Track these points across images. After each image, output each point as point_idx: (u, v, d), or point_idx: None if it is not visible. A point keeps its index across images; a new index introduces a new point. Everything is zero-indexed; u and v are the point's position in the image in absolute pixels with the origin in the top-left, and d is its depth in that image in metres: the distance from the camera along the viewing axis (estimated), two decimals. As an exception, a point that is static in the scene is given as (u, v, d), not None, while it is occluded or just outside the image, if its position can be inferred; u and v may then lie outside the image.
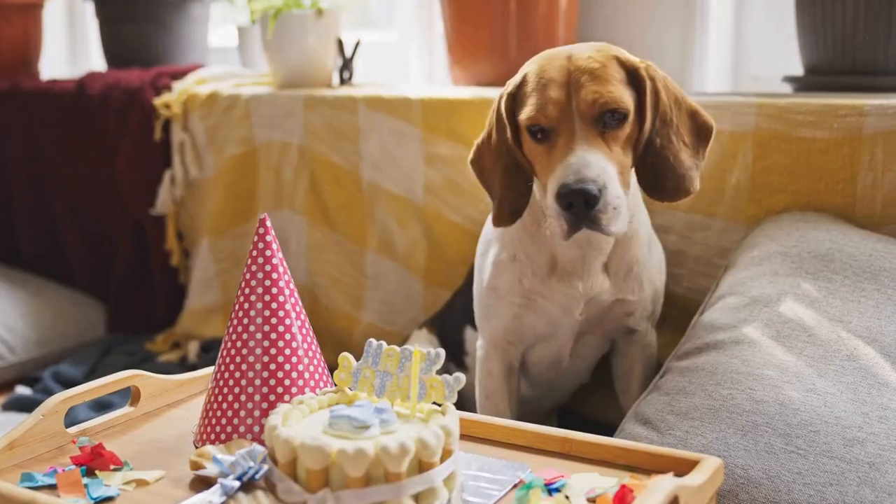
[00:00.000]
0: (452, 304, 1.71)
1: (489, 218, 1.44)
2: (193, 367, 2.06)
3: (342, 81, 2.22)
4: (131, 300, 2.41)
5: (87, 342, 2.34)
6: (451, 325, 1.67)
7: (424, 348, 0.97)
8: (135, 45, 2.60)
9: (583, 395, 1.73)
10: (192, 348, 2.18)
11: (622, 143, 1.24)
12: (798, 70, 1.83)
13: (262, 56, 2.43)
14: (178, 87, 2.30)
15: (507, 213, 1.32)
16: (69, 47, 3.26)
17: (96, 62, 3.13)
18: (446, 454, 0.89)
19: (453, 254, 1.90)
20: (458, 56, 2.06)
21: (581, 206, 1.17)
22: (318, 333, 2.09)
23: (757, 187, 1.56)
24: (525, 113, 1.25)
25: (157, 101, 2.27)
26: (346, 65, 2.21)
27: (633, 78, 1.25)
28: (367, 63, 2.50)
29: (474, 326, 1.54)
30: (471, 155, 1.38)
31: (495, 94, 1.80)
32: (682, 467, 0.96)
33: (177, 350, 2.22)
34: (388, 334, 1.99)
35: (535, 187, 1.33)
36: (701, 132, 1.31)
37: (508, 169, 1.31)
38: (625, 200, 1.21)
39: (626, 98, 1.23)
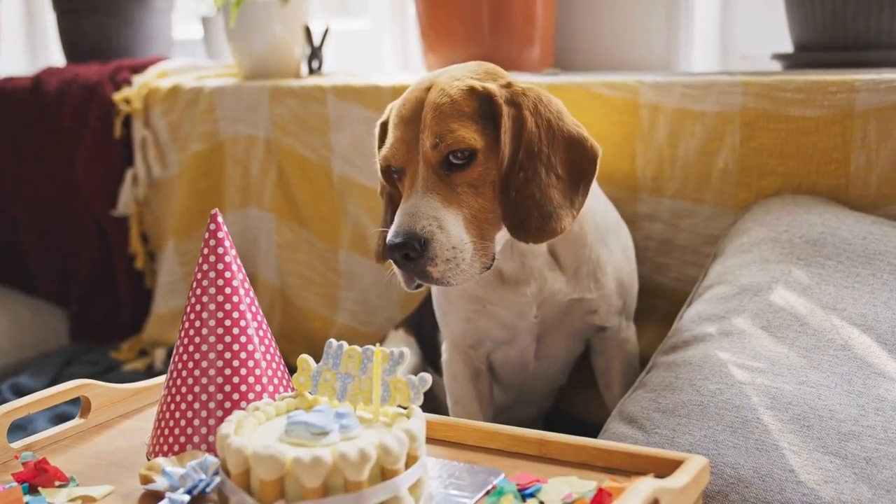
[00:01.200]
0: (427, 304, 1.67)
1: None
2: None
3: (311, 71, 2.20)
4: (94, 307, 2.38)
5: (48, 352, 2.32)
6: (428, 326, 1.64)
7: (388, 348, 0.94)
8: (95, 39, 2.58)
9: (570, 396, 1.70)
10: (159, 356, 2.16)
11: (473, 184, 1.19)
12: (788, 47, 1.81)
13: (227, 47, 2.40)
14: (139, 81, 2.28)
15: (380, 248, 1.32)
16: (27, 42, 3.22)
17: (55, 57, 3.10)
18: (411, 460, 0.86)
19: None
20: (432, 42, 2.04)
21: (401, 259, 1.16)
22: (291, 336, 2.08)
23: (746, 170, 1.54)
24: (381, 152, 1.25)
25: (117, 97, 2.25)
26: (315, 53, 2.19)
27: (492, 107, 1.20)
28: (338, 52, 2.47)
29: None
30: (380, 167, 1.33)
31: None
32: (666, 468, 0.93)
33: (143, 358, 2.20)
34: (364, 335, 1.97)
35: None
36: (581, 163, 1.23)
37: (390, 199, 1.31)
38: (469, 248, 1.17)
39: (471, 135, 1.17)
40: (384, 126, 1.28)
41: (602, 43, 2.12)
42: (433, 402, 1.60)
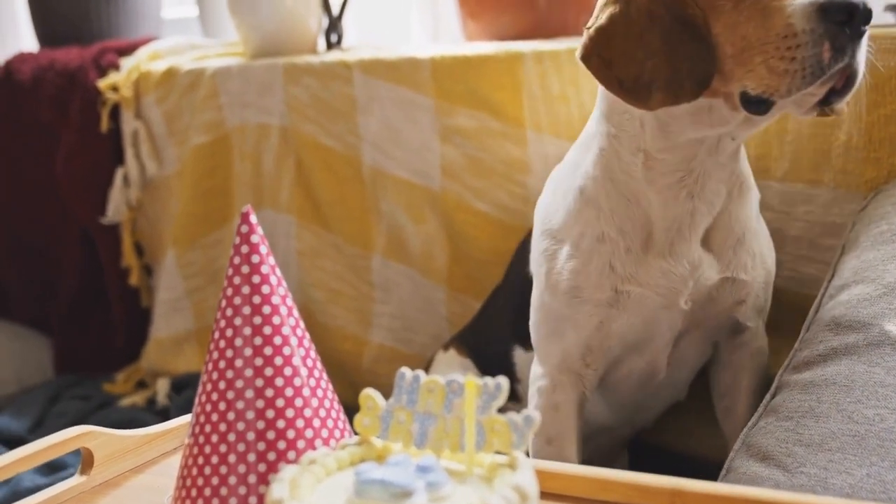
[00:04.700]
0: (490, 317, 1.60)
1: (548, 201, 1.31)
2: (165, 412, 1.99)
3: (329, 46, 2.16)
4: (82, 331, 2.35)
5: (30, 386, 2.28)
6: (492, 344, 1.56)
7: (478, 378, 0.82)
8: (72, 19, 2.53)
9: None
10: (162, 387, 2.11)
11: None
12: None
13: (228, 25, 2.37)
14: (128, 64, 2.24)
15: (692, 82, 1.12)
16: (-8, 26, 3.18)
17: (26, 41, 3.05)
18: (522, 525, 0.74)
19: (481, 251, 1.80)
20: (473, 8, 1.99)
21: (860, 23, 1.04)
22: (317, 360, 2.00)
23: (874, 143, 1.43)
24: None
25: (102, 83, 2.22)
26: (334, 25, 2.15)
27: None
28: (357, 23, 2.42)
29: (525, 345, 1.41)
30: (583, 48, 1.19)
31: (525, 47, 1.72)
32: (844, 523, 0.80)
33: (142, 390, 2.16)
34: (405, 357, 1.91)
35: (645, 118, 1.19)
36: None
37: (673, 34, 1.13)
38: None
39: None
40: None
41: (673, 1, 2.03)
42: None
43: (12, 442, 1.89)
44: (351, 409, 0.88)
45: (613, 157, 1.22)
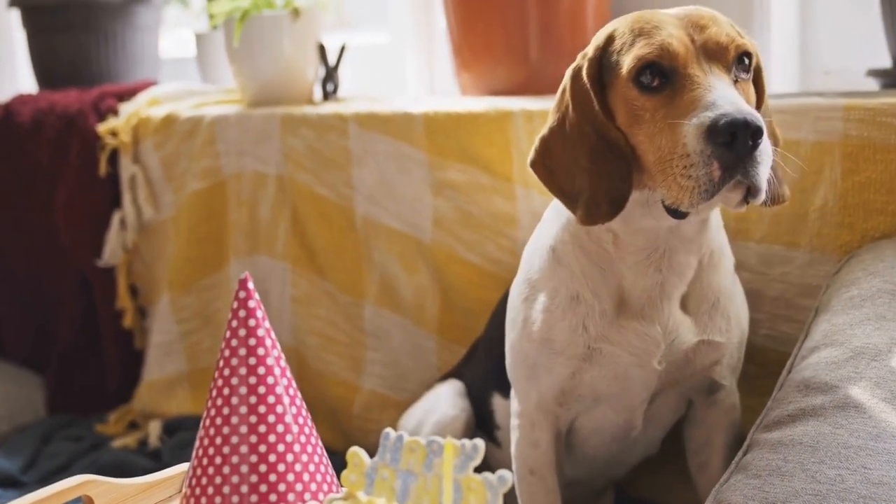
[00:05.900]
0: (470, 367, 1.66)
1: (530, 252, 1.38)
2: (156, 454, 2.01)
3: (326, 96, 2.19)
4: (76, 372, 2.35)
5: (23, 426, 2.28)
6: (474, 388, 1.62)
7: (458, 440, 0.89)
8: (71, 61, 2.57)
9: (634, 470, 1.66)
10: (153, 429, 2.12)
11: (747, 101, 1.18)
12: (884, 61, 1.78)
13: (226, 68, 2.40)
14: (127, 109, 2.27)
15: (607, 203, 1.21)
16: (-8, 66, 3.21)
17: (25, 82, 3.10)
18: (495, 579, 0.82)
19: (471, 301, 1.85)
20: (467, 60, 2.03)
21: (745, 142, 1.08)
22: (309, 405, 2.03)
23: (849, 209, 1.50)
24: (636, 51, 1.17)
25: (102, 128, 2.24)
26: (330, 75, 2.18)
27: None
28: (353, 72, 2.46)
29: (503, 393, 1.48)
30: (532, 155, 1.29)
31: (515, 106, 1.79)
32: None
33: (134, 432, 2.17)
34: (395, 403, 1.94)
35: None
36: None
37: (597, 152, 1.22)
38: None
39: (752, 47, 1.20)
40: (597, 60, 1.22)
41: (663, 58, 2.09)
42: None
43: (5, 482, 1.93)
44: (341, 456, 0.96)
45: (582, 229, 1.29)
